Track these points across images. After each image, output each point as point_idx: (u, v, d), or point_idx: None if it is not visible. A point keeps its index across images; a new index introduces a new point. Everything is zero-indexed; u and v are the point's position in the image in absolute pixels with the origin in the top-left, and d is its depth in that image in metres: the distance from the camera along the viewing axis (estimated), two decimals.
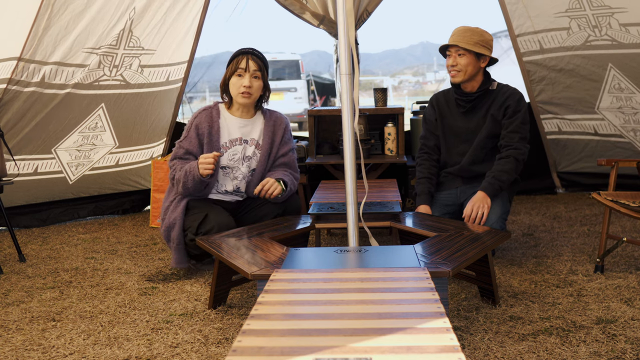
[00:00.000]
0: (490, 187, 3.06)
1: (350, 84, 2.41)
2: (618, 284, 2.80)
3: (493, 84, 3.23)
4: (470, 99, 3.22)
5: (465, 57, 3.13)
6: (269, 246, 2.45)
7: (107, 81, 4.55)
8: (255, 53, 3.08)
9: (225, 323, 2.48)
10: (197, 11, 4.77)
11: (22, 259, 3.58)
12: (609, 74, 4.56)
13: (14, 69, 4.02)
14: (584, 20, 4.42)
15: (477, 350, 2.13)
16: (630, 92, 4.51)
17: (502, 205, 3.09)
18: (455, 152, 3.31)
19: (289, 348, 1.33)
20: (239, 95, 3.06)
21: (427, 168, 3.33)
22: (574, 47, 4.62)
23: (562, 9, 4.48)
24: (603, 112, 4.74)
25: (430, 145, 3.37)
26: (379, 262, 2.21)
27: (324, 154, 4.51)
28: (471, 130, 3.24)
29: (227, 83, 3.09)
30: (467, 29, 3.17)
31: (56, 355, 2.20)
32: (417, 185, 3.33)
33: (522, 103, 3.18)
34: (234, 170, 3.11)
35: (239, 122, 3.13)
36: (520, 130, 3.14)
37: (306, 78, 16.47)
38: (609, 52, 4.48)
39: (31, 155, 4.45)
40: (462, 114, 3.27)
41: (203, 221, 2.94)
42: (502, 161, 3.12)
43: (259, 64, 3.05)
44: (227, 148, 3.09)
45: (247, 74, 3.04)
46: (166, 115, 5.12)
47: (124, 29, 4.36)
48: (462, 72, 3.15)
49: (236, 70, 3.05)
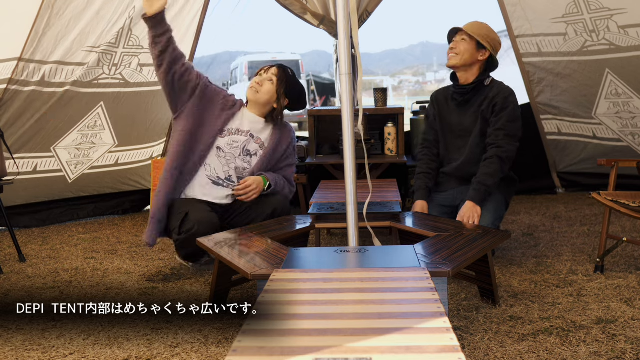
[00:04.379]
0: (477, 195, 3.05)
1: (350, 84, 2.41)
2: (618, 284, 2.80)
3: (488, 79, 3.23)
4: (464, 92, 3.23)
5: (465, 43, 3.17)
6: (269, 246, 2.44)
7: (106, 80, 4.55)
8: (283, 66, 3.25)
9: (225, 323, 2.47)
10: (196, 11, 4.77)
11: (22, 259, 3.58)
12: (605, 80, 4.53)
13: (14, 69, 4.02)
14: (581, 25, 4.39)
15: (477, 350, 2.13)
16: (627, 96, 4.49)
17: (494, 211, 3.09)
18: (451, 148, 3.32)
19: (289, 348, 1.33)
20: (249, 90, 3.19)
21: (427, 163, 3.34)
22: (570, 53, 4.60)
23: (559, 14, 4.45)
24: (600, 118, 4.73)
25: (431, 139, 3.39)
26: (379, 262, 2.21)
27: (324, 154, 4.51)
28: (464, 127, 3.25)
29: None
30: (479, 22, 3.25)
31: (56, 355, 2.20)
32: (415, 180, 3.34)
33: (511, 100, 3.14)
34: (227, 157, 3.11)
35: (253, 118, 3.19)
36: (507, 128, 3.10)
37: (306, 78, 16.47)
38: (606, 57, 4.45)
39: (30, 154, 4.45)
40: (456, 108, 3.28)
41: (184, 220, 2.90)
42: (486, 163, 3.10)
43: (279, 74, 3.17)
44: (231, 133, 3.13)
45: (265, 74, 3.18)
46: (166, 115, 5.11)
47: (124, 27, 4.36)
48: (458, 56, 3.18)
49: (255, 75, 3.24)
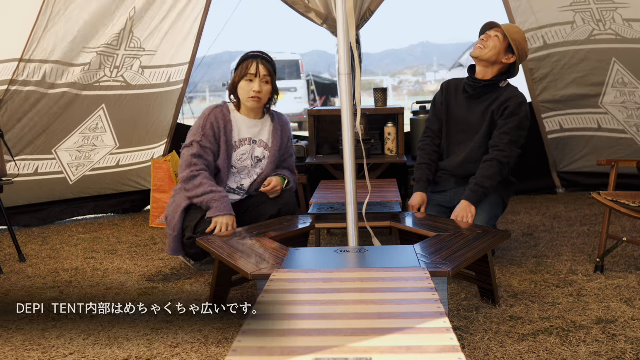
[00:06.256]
0: (473, 195, 3.05)
1: (350, 84, 2.41)
2: (618, 284, 2.80)
3: (504, 82, 3.22)
4: (477, 86, 3.20)
5: (497, 40, 3.14)
6: (269, 246, 2.44)
7: (107, 82, 4.55)
8: (265, 57, 3.08)
9: (225, 323, 2.47)
10: (198, 13, 4.77)
11: (22, 259, 3.58)
12: (612, 68, 4.56)
13: (15, 70, 4.03)
14: (588, 14, 4.43)
15: (477, 350, 2.13)
16: (633, 86, 4.52)
17: (489, 211, 3.09)
18: (452, 140, 3.29)
19: (289, 348, 1.33)
20: (249, 100, 3.05)
21: (428, 154, 3.31)
22: (578, 42, 4.63)
23: (567, 3, 4.50)
24: (607, 107, 4.75)
25: (434, 129, 3.35)
26: (379, 262, 2.21)
27: (324, 154, 4.51)
28: (470, 122, 3.23)
29: (236, 86, 3.08)
30: (518, 27, 3.24)
31: (56, 355, 2.20)
32: (415, 170, 3.31)
33: (523, 108, 3.14)
34: (240, 170, 3.13)
35: (249, 123, 3.13)
36: (512, 134, 3.10)
37: (306, 78, 16.47)
38: (613, 47, 4.49)
39: (32, 156, 4.45)
40: (466, 101, 3.25)
41: (200, 221, 2.94)
42: (486, 165, 3.10)
43: (269, 69, 3.06)
44: (236, 147, 3.10)
45: (257, 79, 3.03)
46: (167, 117, 5.12)
47: (124, 29, 4.36)
48: (485, 50, 3.14)
49: (246, 75, 3.04)
